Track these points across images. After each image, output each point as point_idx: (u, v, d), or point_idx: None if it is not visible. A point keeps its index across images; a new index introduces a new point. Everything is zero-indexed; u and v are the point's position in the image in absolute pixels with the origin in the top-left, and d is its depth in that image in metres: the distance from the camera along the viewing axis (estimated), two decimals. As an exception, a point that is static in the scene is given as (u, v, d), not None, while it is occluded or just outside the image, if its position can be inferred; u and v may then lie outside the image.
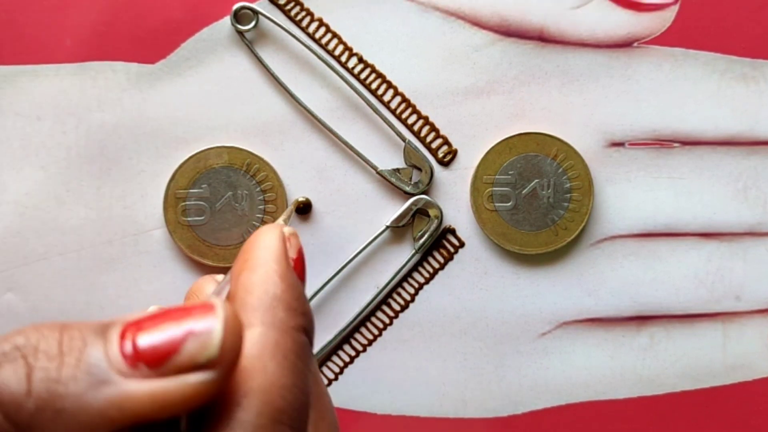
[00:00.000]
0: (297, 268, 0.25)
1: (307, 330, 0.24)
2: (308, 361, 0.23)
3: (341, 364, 0.35)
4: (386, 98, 0.34)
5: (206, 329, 0.20)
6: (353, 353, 0.35)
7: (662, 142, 0.34)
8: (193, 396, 0.19)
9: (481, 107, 0.34)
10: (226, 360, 0.20)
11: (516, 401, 0.35)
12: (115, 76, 0.34)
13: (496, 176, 0.34)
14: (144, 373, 0.19)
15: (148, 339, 0.20)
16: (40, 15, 0.34)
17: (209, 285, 0.29)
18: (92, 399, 0.19)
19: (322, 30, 0.34)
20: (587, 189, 0.34)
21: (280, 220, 0.28)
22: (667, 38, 0.34)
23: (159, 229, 0.35)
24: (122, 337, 0.20)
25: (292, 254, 0.25)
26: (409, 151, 0.34)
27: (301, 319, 0.23)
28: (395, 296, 0.35)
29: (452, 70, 0.34)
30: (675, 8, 0.34)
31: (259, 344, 0.22)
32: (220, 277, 0.29)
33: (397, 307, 0.35)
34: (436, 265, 0.35)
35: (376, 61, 0.34)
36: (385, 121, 0.34)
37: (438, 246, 0.35)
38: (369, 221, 0.35)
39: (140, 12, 0.34)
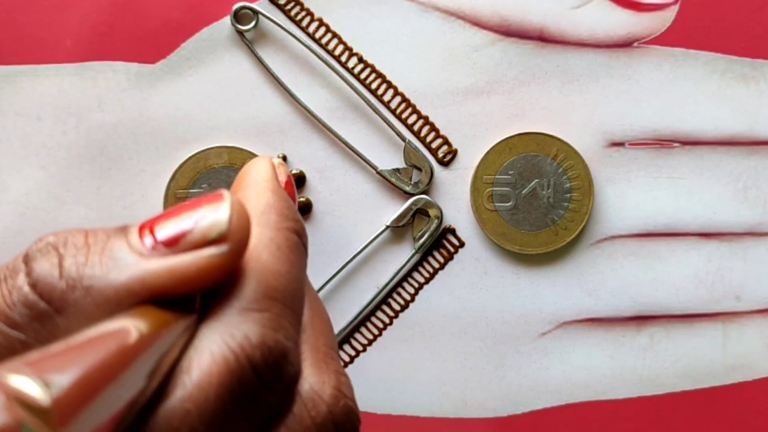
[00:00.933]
0: (287, 189, 0.28)
1: (299, 233, 0.26)
2: (301, 258, 0.25)
3: (341, 364, 0.35)
4: (386, 98, 0.34)
5: (215, 208, 0.22)
6: (353, 353, 0.35)
7: (662, 142, 0.34)
8: (207, 269, 0.22)
9: (481, 107, 0.34)
10: (236, 235, 0.22)
11: (516, 401, 0.35)
12: (115, 76, 0.34)
13: (496, 176, 0.34)
14: (162, 252, 0.21)
15: (164, 228, 0.22)
16: (40, 15, 0.34)
17: None
18: (116, 276, 0.21)
19: (322, 30, 0.34)
20: (587, 189, 0.34)
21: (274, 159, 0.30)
22: (667, 38, 0.34)
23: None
24: (141, 231, 0.22)
25: (282, 178, 0.28)
26: (409, 151, 0.34)
27: (292, 223, 0.26)
28: (395, 296, 0.35)
29: (452, 70, 0.34)
30: (675, 8, 0.34)
31: (254, 240, 0.24)
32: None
33: (397, 307, 0.35)
34: (436, 265, 0.35)
35: (376, 61, 0.34)
36: (385, 121, 0.34)
37: (438, 246, 0.35)
38: (369, 221, 0.35)
39: (140, 12, 0.34)
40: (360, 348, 0.35)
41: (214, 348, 0.21)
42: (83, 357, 0.18)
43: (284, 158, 0.34)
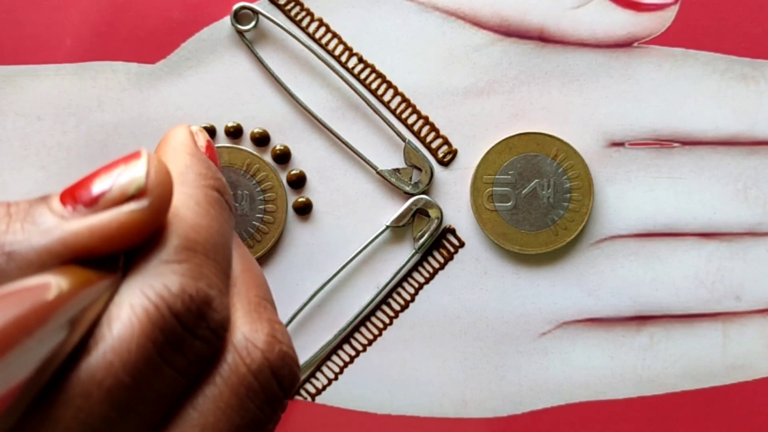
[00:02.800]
0: (208, 153, 0.28)
1: (219, 190, 0.26)
2: (223, 213, 0.25)
3: (341, 364, 0.35)
4: (386, 98, 0.34)
5: (132, 165, 0.22)
6: (353, 353, 0.35)
7: (662, 142, 0.34)
8: (129, 225, 0.22)
9: (481, 107, 0.34)
10: (156, 189, 0.22)
11: (516, 401, 0.35)
12: (115, 76, 0.34)
13: (496, 176, 0.34)
14: (82, 213, 0.22)
15: (84, 190, 0.22)
16: (40, 15, 0.34)
17: None
18: (38, 240, 0.21)
19: (322, 30, 0.34)
20: (587, 189, 0.34)
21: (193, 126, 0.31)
22: (667, 38, 0.34)
23: (159, 229, 0.35)
24: (62, 197, 0.22)
25: (201, 143, 0.28)
26: (409, 151, 0.34)
27: (212, 181, 0.26)
28: (395, 296, 0.35)
29: (452, 70, 0.34)
30: (675, 8, 0.34)
31: (174, 199, 0.24)
32: None
33: (397, 307, 0.35)
34: (436, 265, 0.35)
35: (376, 61, 0.34)
36: (385, 121, 0.34)
37: (438, 246, 0.35)
38: (369, 221, 0.35)
39: (140, 12, 0.34)
40: (360, 348, 0.35)
41: (134, 300, 0.21)
42: None
43: (212, 129, 0.34)
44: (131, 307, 0.21)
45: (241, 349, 0.24)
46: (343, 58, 0.34)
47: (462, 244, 0.35)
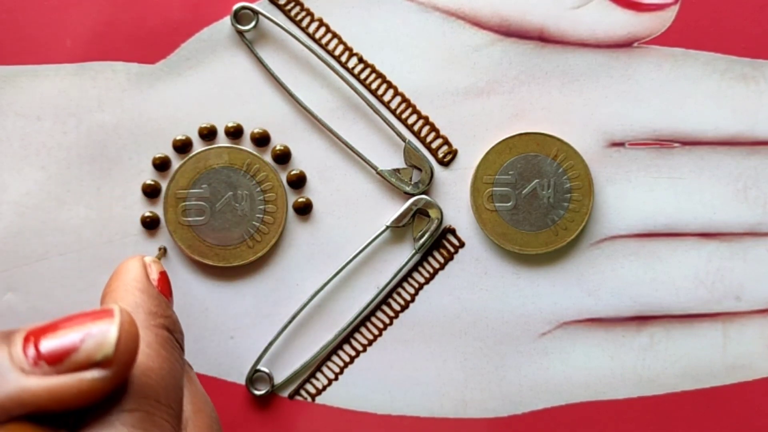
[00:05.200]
0: (160, 286, 0.28)
1: (169, 329, 0.26)
2: (173, 353, 0.25)
3: (341, 364, 0.35)
4: (386, 98, 0.34)
5: (103, 330, 0.21)
6: (353, 353, 0.35)
7: (662, 142, 0.34)
8: (89, 392, 0.21)
9: (481, 107, 0.34)
10: (122, 359, 0.21)
11: (516, 401, 0.35)
12: (115, 76, 0.34)
13: (496, 176, 0.34)
14: (44, 370, 0.21)
15: (49, 342, 0.21)
16: (40, 15, 0.34)
17: None
18: None
19: (322, 30, 0.34)
20: (587, 189, 0.34)
21: (147, 258, 0.31)
22: (667, 38, 0.34)
23: (159, 228, 0.35)
24: (26, 341, 0.21)
25: (154, 276, 0.28)
26: (409, 151, 0.34)
27: (162, 319, 0.26)
28: (395, 296, 0.35)
29: (452, 70, 0.34)
30: (675, 8, 0.34)
31: None
32: None
33: (397, 307, 0.35)
34: (436, 265, 0.35)
35: (376, 61, 0.34)
36: (385, 121, 0.34)
37: (438, 246, 0.35)
38: (369, 221, 0.35)
39: (140, 12, 0.34)
40: (360, 348, 0.35)
41: None
42: None
43: (164, 250, 0.34)
44: None
45: None
46: (343, 58, 0.34)
47: (462, 244, 0.35)
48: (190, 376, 0.27)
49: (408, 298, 0.35)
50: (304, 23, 0.34)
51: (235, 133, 0.34)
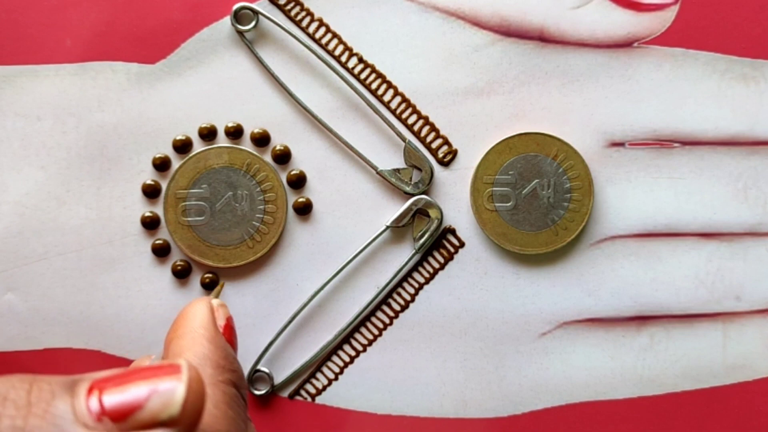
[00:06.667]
0: (226, 334, 0.27)
1: (236, 384, 0.25)
2: (240, 412, 0.25)
3: (341, 364, 0.35)
4: (386, 98, 0.34)
5: (170, 388, 0.20)
6: (353, 353, 0.35)
7: (662, 142, 0.34)
8: None
9: (481, 107, 0.34)
10: (188, 419, 0.20)
11: (516, 401, 0.35)
12: (115, 76, 0.34)
13: (496, 176, 0.34)
14: (108, 427, 0.20)
15: (114, 396, 0.20)
16: (40, 15, 0.34)
17: (145, 362, 0.30)
18: None
19: (322, 30, 0.34)
20: (587, 189, 0.34)
21: (211, 296, 0.30)
22: (667, 38, 0.34)
23: (159, 228, 0.35)
24: (89, 392, 0.20)
25: (221, 322, 0.27)
26: (409, 151, 0.34)
27: (229, 374, 0.25)
28: (395, 296, 0.35)
29: (452, 70, 0.34)
30: (675, 8, 0.34)
31: None
32: (154, 356, 0.30)
33: (397, 307, 0.35)
34: (436, 265, 0.35)
35: (376, 61, 0.34)
36: (385, 121, 0.34)
37: (438, 246, 0.35)
38: (369, 221, 0.35)
39: (140, 12, 0.34)
40: (360, 348, 0.35)
41: None
42: None
43: (222, 285, 0.34)
44: None
45: None
46: (343, 58, 0.34)
47: (462, 245, 0.35)
48: (251, 427, 0.27)
49: (408, 298, 0.35)
50: (304, 23, 0.34)
51: (235, 133, 0.34)
